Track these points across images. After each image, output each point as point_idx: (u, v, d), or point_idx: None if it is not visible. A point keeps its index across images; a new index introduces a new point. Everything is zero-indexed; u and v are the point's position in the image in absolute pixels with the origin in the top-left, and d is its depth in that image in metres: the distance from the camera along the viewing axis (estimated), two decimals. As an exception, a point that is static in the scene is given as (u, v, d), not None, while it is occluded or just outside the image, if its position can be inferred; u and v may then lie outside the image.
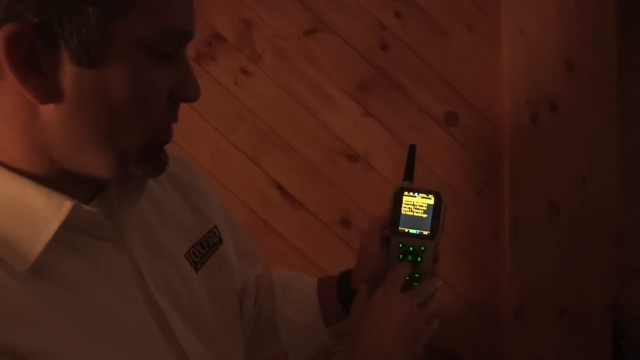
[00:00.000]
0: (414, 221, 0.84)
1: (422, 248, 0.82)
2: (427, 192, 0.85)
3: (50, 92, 0.62)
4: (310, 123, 1.77)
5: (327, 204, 1.81)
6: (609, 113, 1.64)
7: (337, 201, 1.82)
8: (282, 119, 1.78)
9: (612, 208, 1.66)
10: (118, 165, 0.66)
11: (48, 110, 0.63)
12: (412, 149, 0.89)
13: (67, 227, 0.66)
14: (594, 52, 1.64)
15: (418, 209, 0.83)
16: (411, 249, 0.82)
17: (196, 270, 0.81)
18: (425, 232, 0.83)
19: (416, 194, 0.84)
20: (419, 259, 0.82)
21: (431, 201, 0.84)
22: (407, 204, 0.84)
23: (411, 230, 0.83)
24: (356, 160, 1.81)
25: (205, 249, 0.83)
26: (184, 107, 0.72)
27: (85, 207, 0.67)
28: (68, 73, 0.62)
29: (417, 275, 0.83)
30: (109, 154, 0.65)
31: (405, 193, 0.86)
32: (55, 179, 0.67)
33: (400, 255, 0.85)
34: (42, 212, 0.64)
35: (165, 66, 0.65)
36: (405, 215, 0.84)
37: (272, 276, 1.04)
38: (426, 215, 0.83)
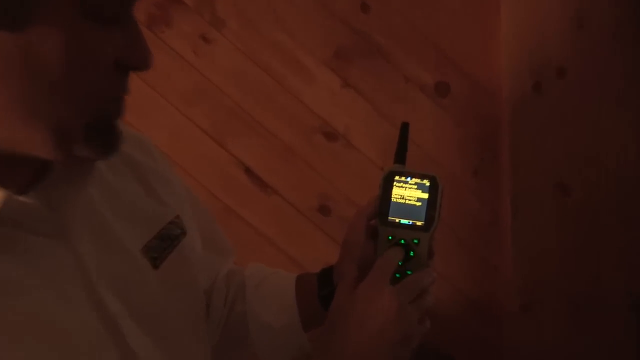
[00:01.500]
0: (406, 210, 0.78)
1: (415, 241, 0.78)
2: (422, 177, 0.79)
3: None
4: (281, 97, 1.67)
5: (302, 188, 1.70)
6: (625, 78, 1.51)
7: (314, 185, 1.71)
8: (250, 92, 1.67)
9: (631, 188, 1.56)
10: (58, 144, 0.62)
11: None
12: (404, 127, 0.83)
13: None
14: (608, 8, 1.53)
15: (411, 196, 0.78)
16: (402, 242, 0.77)
17: (155, 266, 0.76)
18: (419, 223, 0.78)
19: (409, 178, 0.79)
20: (411, 254, 0.77)
21: (426, 187, 0.78)
22: (398, 191, 0.78)
23: (402, 221, 0.78)
24: (335, 139, 1.71)
25: (166, 242, 0.79)
26: (136, 82, 0.67)
27: (20, 197, 0.63)
28: None
29: (408, 273, 0.77)
30: (46, 131, 0.61)
31: (396, 178, 0.80)
32: None
33: None
34: None
35: (110, 31, 0.61)
36: (396, 203, 0.78)
37: (246, 272, 0.98)
38: (420, 204, 0.78)
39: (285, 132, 1.70)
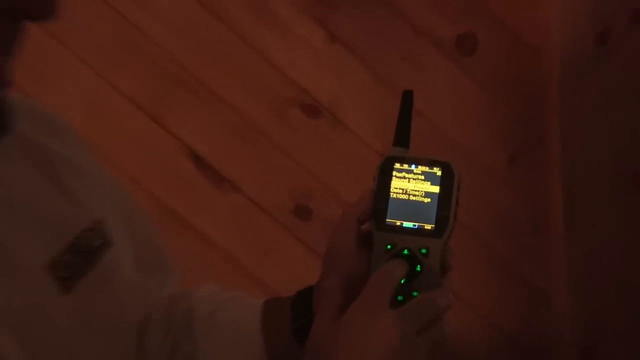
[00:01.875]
0: (410, 209, 0.68)
1: (423, 251, 0.66)
2: (431, 164, 0.67)
3: None
4: (243, 56, 1.60)
5: (273, 183, 1.62)
6: None
7: (289, 178, 1.62)
8: (200, 51, 1.59)
9: None
10: None
11: None
12: (407, 97, 0.71)
13: None
14: None
15: (416, 190, 0.67)
16: (406, 252, 0.66)
17: (65, 289, 0.70)
18: (428, 226, 0.66)
19: (413, 166, 0.67)
20: (417, 268, 0.66)
21: (437, 178, 0.67)
22: (399, 183, 0.68)
23: (406, 224, 0.67)
24: (317, 114, 1.62)
25: (81, 256, 0.73)
26: (39, 36, 0.73)
27: None
28: None
29: (414, 294, 0.66)
30: None
31: (397, 166, 0.68)
32: None
33: None
34: None
35: None
36: (397, 200, 0.68)
37: (194, 298, 0.87)
38: (429, 200, 0.67)
39: (249, 105, 1.61)
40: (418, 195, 0.68)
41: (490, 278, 1.67)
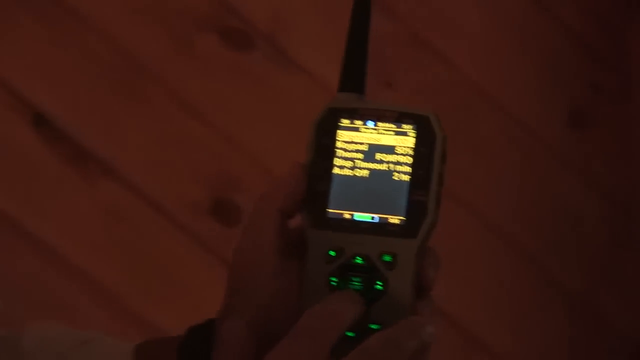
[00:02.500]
0: (365, 192, 0.58)
1: (387, 258, 0.56)
2: (400, 118, 0.57)
3: None
4: None
5: (173, 163, 1.31)
6: None
7: (201, 154, 1.32)
8: None
9: None
10: None
11: None
12: (360, 7, 0.58)
13: None
14: None
15: (376, 161, 0.57)
16: (359, 260, 0.55)
17: None
18: (395, 219, 0.56)
19: (370, 123, 0.57)
20: (378, 286, 0.56)
21: (408, 141, 0.57)
22: (347, 151, 0.57)
23: (359, 216, 0.57)
24: (247, 43, 1.33)
25: None
26: None
27: None
28: None
29: (373, 327, 0.55)
30: None
31: (344, 123, 0.57)
32: None
33: (334, 280, 0.57)
34: None
35: None
36: (345, 178, 0.57)
37: (25, 344, 0.71)
38: (396, 177, 0.57)
39: (131, 28, 1.30)
40: (378, 170, 0.58)
41: (543, 317, 1.41)
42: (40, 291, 1.27)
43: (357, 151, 0.56)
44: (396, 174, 0.56)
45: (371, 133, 0.56)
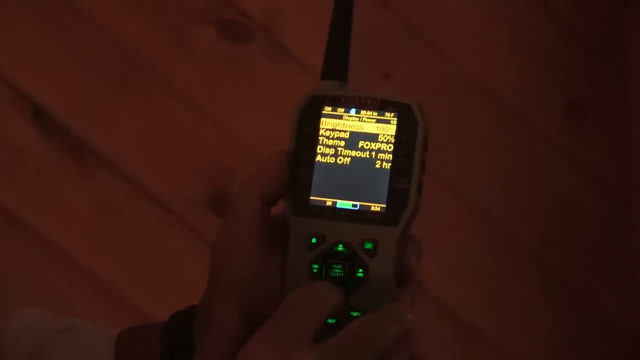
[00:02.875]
0: (347, 180, 0.59)
1: (368, 246, 0.57)
2: (382, 107, 0.58)
3: None
4: None
5: (170, 155, 1.31)
6: None
7: (199, 146, 1.33)
8: None
9: None
10: None
11: None
12: None
13: None
14: None
15: (358, 149, 0.58)
16: (340, 248, 0.57)
17: None
18: (376, 207, 0.58)
19: (353, 110, 0.59)
20: (359, 273, 0.57)
21: (390, 129, 0.58)
22: (329, 139, 0.59)
23: (341, 203, 0.58)
24: (245, 35, 1.34)
25: None
26: None
27: None
28: None
29: (354, 314, 0.57)
30: None
31: (327, 110, 0.59)
32: None
33: (315, 267, 0.58)
34: None
35: None
36: (327, 165, 0.59)
37: (9, 332, 0.74)
38: (378, 165, 0.58)
39: (127, 21, 1.30)
40: (360, 158, 0.59)
41: (540, 309, 1.41)
42: (37, 284, 1.27)
43: (339, 139, 0.56)
44: (378, 161, 0.56)
45: (353, 121, 0.56)
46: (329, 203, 0.57)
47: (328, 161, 0.57)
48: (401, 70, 1.38)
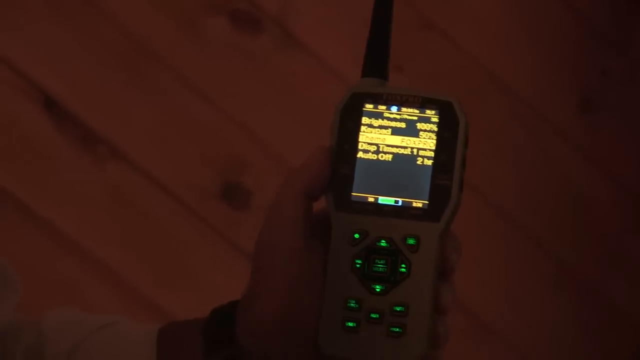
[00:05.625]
0: (389, 176, 0.59)
1: (411, 241, 0.58)
2: (423, 104, 0.59)
3: None
4: None
5: (182, 145, 1.32)
6: None
7: (210, 137, 1.33)
8: None
9: None
10: None
11: None
12: None
13: None
14: None
15: (400, 146, 0.58)
16: (384, 243, 0.57)
17: None
18: (418, 203, 0.58)
19: (394, 108, 0.59)
20: (402, 268, 0.58)
21: (431, 126, 0.58)
22: (372, 136, 0.59)
23: (383, 199, 0.58)
24: (257, 26, 1.34)
25: None
26: None
27: None
28: None
29: (398, 309, 0.58)
30: None
31: (368, 107, 0.59)
32: None
33: (358, 262, 0.59)
34: None
35: None
36: (370, 162, 0.58)
37: (44, 328, 0.73)
38: (420, 162, 0.58)
39: (139, 12, 1.31)
40: (402, 155, 0.59)
41: (552, 301, 1.40)
42: (49, 273, 1.28)
43: (381, 135, 0.57)
44: (419, 158, 0.56)
45: (395, 118, 0.57)
46: (371, 199, 0.58)
47: (370, 157, 0.57)
48: (414, 61, 1.36)
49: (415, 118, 0.57)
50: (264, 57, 1.35)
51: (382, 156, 0.57)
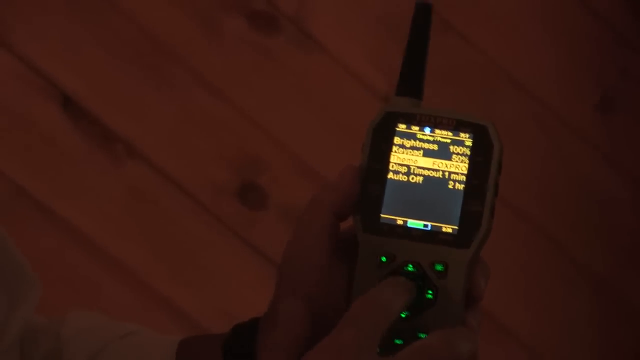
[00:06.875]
0: (419, 199, 0.57)
1: (439, 267, 0.56)
2: (458, 127, 0.57)
3: None
4: None
5: (198, 145, 1.34)
6: None
7: (227, 137, 1.34)
8: None
9: None
10: None
11: None
12: (421, 14, 0.58)
13: None
14: None
15: (431, 169, 0.57)
16: (411, 268, 0.56)
17: None
18: (448, 228, 0.56)
19: (428, 129, 0.57)
20: (428, 295, 0.56)
21: (464, 150, 0.56)
22: (403, 157, 0.58)
23: (412, 223, 0.57)
24: (274, 26, 1.35)
25: None
26: None
27: None
28: None
29: (421, 336, 0.55)
30: None
31: (401, 128, 0.58)
32: None
33: None
34: None
35: None
36: (400, 183, 0.57)
37: (63, 334, 0.72)
38: (451, 186, 0.56)
39: (156, 10, 1.31)
40: (433, 178, 0.57)
41: (569, 301, 1.41)
42: (66, 271, 1.28)
43: (412, 157, 0.56)
44: (451, 182, 0.56)
45: (428, 140, 0.56)
46: (399, 222, 0.57)
47: (400, 179, 0.56)
48: (430, 61, 1.32)
49: (449, 141, 0.56)
50: (281, 57, 1.35)
51: (412, 178, 0.57)
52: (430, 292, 0.54)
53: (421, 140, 0.56)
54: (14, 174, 1.29)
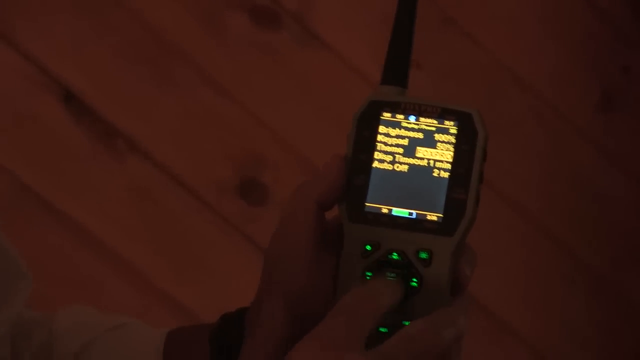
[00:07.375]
0: (404, 188, 0.58)
1: (424, 255, 0.57)
2: (442, 115, 0.57)
3: None
4: None
5: (200, 141, 1.35)
6: None
7: (228, 133, 1.36)
8: None
9: None
10: None
11: None
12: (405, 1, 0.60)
13: None
14: None
15: (417, 157, 0.58)
16: (395, 256, 0.57)
17: None
18: (433, 216, 0.57)
19: (412, 117, 0.58)
20: (413, 283, 0.57)
21: (449, 138, 0.57)
22: (387, 145, 0.58)
23: (397, 211, 0.58)
24: (277, 22, 1.36)
25: None
26: None
27: None
28: None
29: (407, 324, 0.55)
30: None
31: (385, 116, 0.58)
32: None
33: (369, 274, 0.58)
34: None
35: None
36: (385, 172, 0.58)
37: (55, 327, 0.75)
38: (436, 174, 0.57)
39: (159, 7, 1.33)
40: (418, 166, 0.58)
41: (569, 298, 1.43)
42: (68, 267, 1.30)
43: (397, 146, 0.56)
44: (436, 170, 0.56)
45: (412, 128, 0.56)
46: (384, 210, 0.57)
47: (385, 168, 0.57)
48: (433, 58, 1.36)
49: (434, 129, 0.57)
50: (283, 53, 1.36)
51: (397, 167, 0.57)
52: (414, 280, 0.55)
53: (406, 128, 0.56)
54: (17, 170, 1.30)
